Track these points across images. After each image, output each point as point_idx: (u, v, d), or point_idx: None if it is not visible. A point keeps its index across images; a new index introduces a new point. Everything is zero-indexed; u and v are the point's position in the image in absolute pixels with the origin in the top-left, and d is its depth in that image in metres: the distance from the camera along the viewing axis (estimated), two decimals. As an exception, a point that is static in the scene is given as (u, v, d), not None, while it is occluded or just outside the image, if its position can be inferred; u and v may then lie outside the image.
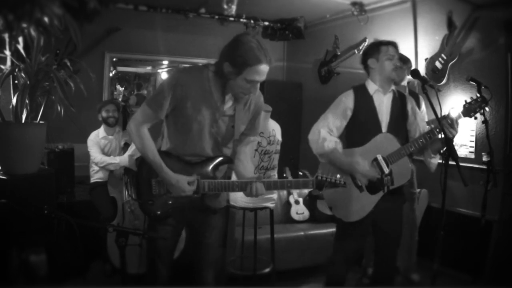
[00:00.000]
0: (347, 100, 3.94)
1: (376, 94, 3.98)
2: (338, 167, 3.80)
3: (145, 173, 3.29)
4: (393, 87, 4.05)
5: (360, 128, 3.96)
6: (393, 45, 4.00)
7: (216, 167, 3.29)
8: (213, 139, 3.25)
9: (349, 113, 3.95)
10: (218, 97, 3.17)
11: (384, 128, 3.94)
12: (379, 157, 3.84)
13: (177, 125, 3.23)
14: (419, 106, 5.11)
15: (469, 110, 3.82)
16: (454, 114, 3.77)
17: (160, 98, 3.13)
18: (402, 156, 3.85)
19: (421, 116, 4.32)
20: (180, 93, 3.09)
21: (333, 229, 4.32)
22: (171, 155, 3.26)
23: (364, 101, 3.95)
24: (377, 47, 4.00)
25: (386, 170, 3.82)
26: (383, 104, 3.98)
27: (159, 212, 3.30)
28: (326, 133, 3.89)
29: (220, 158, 3.31)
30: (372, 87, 3.99)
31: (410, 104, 4.10)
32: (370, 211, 3.87)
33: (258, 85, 3.10)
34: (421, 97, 5.27)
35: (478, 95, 3.85)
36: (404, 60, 5.00)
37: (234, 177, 4.89)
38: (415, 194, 5.50)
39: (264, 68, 2.99)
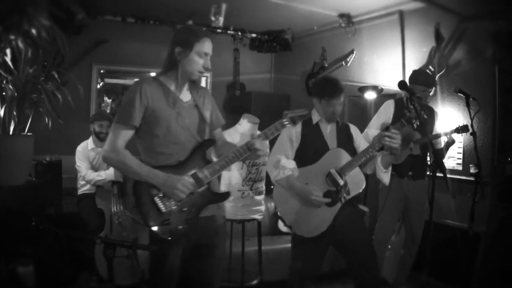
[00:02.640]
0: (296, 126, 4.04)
1: (320, 122, 4.21)
2: (295, 192, 3.98)
3: (144, 195, 3.07)
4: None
5: (310, 150, 4.11)
6: (339, 93, 4.11)
7: (203, 152, 3.23)
8: (189, 133, 3.21)
9: (299, 137, 4.14)
10: (175, 90, 3.23)
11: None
12: (333, 171, 3.97)
13: (152, 133, 3.13)
14: (435, 119, 5.27)
15: (409, 119, 3.94)
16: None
17: (130, 110, 3.06)
18: (354, 167, 3.99)
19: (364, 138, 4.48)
20: (146, 99, 3.07)
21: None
22: (158, 168, 3.09)
23: (310, 128, 4.18)
24: (322, 90, 4.18)
25: (341, 182, 3.95)
26: (328, 131, 4.20)
27: (180, 227, 3.09)
28: (284, 159, 4.06)
29: (202, 142, 3.26)
30: (315, 117, 4.22)
31: (354, 129, 4.33)
32: (330, 224, 3.95)
33: (209, 60, 3.22)
34: (435, 111, 5.37)
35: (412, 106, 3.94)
36: (429, 84, 5.17)
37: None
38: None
39: (209, 41, 3.19)
